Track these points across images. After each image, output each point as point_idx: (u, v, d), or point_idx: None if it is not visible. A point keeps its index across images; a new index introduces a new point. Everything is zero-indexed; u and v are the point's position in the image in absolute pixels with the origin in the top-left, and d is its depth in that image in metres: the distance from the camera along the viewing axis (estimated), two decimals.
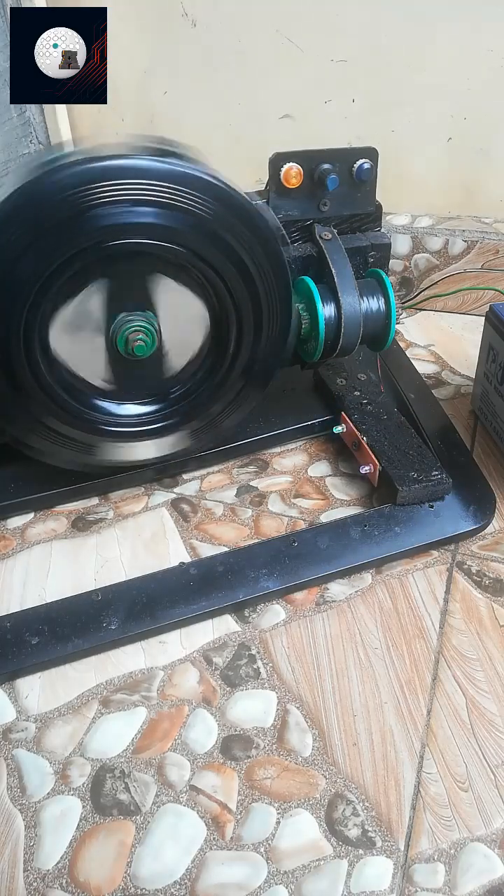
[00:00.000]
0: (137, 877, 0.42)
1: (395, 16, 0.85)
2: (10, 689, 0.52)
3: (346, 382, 0.73)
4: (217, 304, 0.56)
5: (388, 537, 0.60)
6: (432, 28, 0.85)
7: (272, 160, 0.62)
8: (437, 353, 0.87)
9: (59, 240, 0.49)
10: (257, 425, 0.70)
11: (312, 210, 0.64)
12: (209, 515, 0.65)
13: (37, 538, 0.64)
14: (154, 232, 0.51)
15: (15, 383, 0.54)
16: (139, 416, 0.60)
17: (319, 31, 0.88)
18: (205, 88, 0.96)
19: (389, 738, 0.48)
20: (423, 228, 0.94)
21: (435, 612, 0.56)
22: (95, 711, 0.50)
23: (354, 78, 0.90)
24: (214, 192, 0.51)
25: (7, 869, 0.42)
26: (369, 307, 0.63)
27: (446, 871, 0.42)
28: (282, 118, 0.95)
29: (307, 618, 0.56)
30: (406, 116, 0.91)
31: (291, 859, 0.42)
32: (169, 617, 0.55)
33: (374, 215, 0.67)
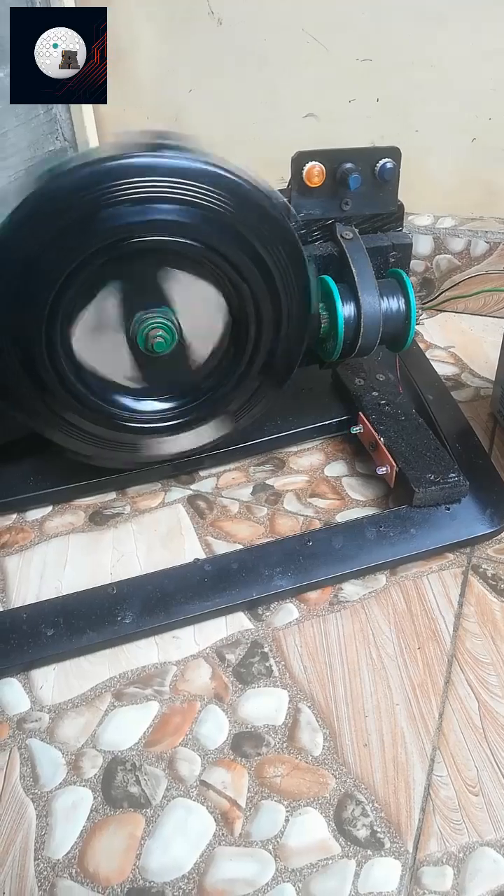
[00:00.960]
0: (146, 869, 0.42)
1: (420, 15, 0.85)
2: (24, 679, 0.52)
3: (365, 382, 0.72)
4: (236, 299, 0.56)
5: (403, 539, 0.59)
6: (457, 28, 0.84)
7: (294, 159, 0.62)
8: (457, 355, 0.87)
9: (78, 238, 0.50)
10: (274, 424, 0.70)
11: (334, 209, 0.64)
12: (225, 513, 0.66)
13: (55, 531, 0.64)
14: (173, 229, 0.51)
15: (37, 380, 0.54)
16: (158, 413, 0.60)
17: (345, 30, 0.88)
18: (229, 87, 0.97)
19: (400, 740, 0.48)
20: (446, 229, 0.94)
21: (449, 614, 0.55)
22: (108, 704, 0.51)
23: (379, 77, 0.90)
24: (232, 188, 0.51)
25: (18, 857, 0.43)
26: (389, 307, 0.62)
27: (455, 875, 0.41)
28: (305, 117, 0.95)
29: (320, 617, 0.56)
30: (430, 116, 0.91)
31: (299, 857, 0.43)
32: (183, 612, 0.55)
33: (396, 215, 0.67)
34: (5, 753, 0.48)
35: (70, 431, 0.59)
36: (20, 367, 0.54)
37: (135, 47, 0.98)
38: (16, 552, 0.62)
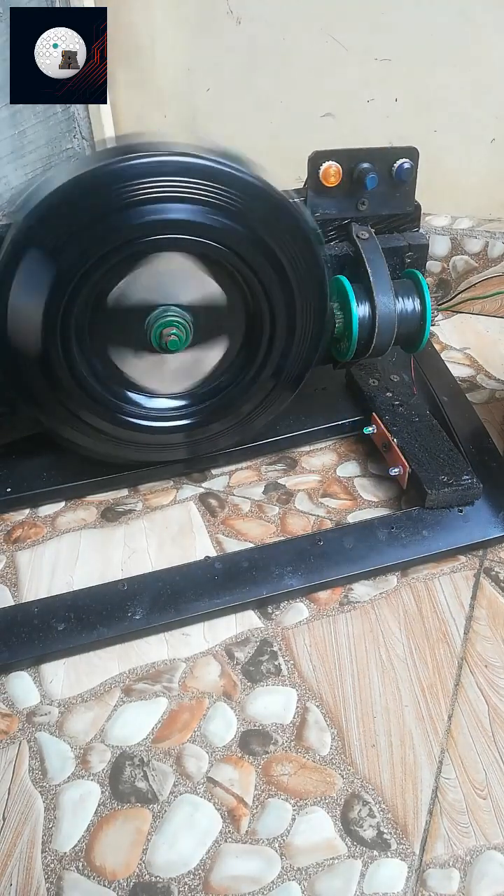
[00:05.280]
0: (152, 864, 0.42)
1: (440, 15, 0.84)
2: (35, 673, 0.53)
3: (379, 383, 0.72)
4: (252, 301, 0.56)
5: (415, 540, 0.59)
6: (478, 28, 0.84)
7: (311, 158, 0.61)
8: (472, 357, 0.86)
9: (99, 235, 0.50)
10: (287, 423, 0.70)
11: (350, 209, 0.64)
12: (236, 511, 0.66)
13: (67, 527, 0.65)
14: (191, 228, 0.51)
15: (51, 377, 0.55)
16: (170, 411, 0.60)
17: (364, 29, 0.88)
18: (247, 86, 0.97)
19: (409, 742, 0.48)
20: (463, 230, 0.93)
21: (460, 617, 0.55)
22: (117, 699, 0.51)
23: (398, 77, 0.90)
24: (253, 191, 0.51)
25: (26, 849, 0.43)
26: (404, 308, 0.62)
27: (461, 878, 0.41)
28: (323, 116, 0.95)
29: (330, 617, 0.56)
30: (449, 117, 0.90)
31: (305, 856, 0.42)
32: (193, 610, 0.55)
33: (413, 215, 0.66)
34: (15, 746, 0.48)
35: (82, 429, 0.59)
36: (35, 364, 0.54)
37: (153, 46, 0.98)
38: (28, 547, 0.63)
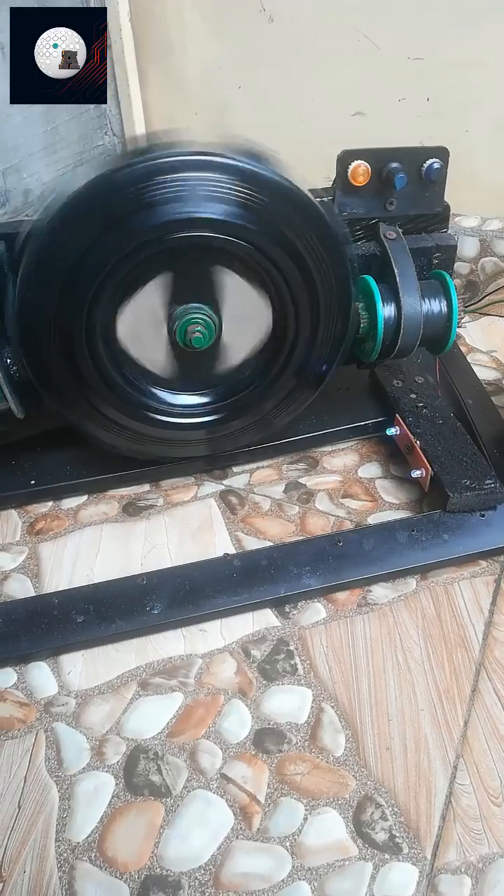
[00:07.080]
0: (164, 858, 0.43)
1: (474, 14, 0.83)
2: (53, 664, 0.53)
3: (403, 384, 0.72)
4: (278, 299, 0.56)
5: (435, 544, 0.59)
6: None
7: (340, 157, 0.61)
8: (499, 360, 0.85)
9: (125, 232, 0.50)
10: (309, 423, 0.70)
11: (378, 208, 0.64)
12: (256, 509, 0.66)
13: (88, 520, 0.65)
14: (218, 227, 0.51)
15: (76, 372, 0.55)
16: (193, 407, 0.61)
17: (397, 28, 0.87)
18: (278, 84, 0.96)
19: (423, 746, 0.47)
20: (493, 231, 0.92)
21: (479, 622, 0.55)
22: (134, 692, 0.51)
23: (430, 76, 0.89)
24: (280, 191, 0.51)
25: (40, 838, 0.44)
26: (430, 309, 0.62)
27: (473, 885, 0.41)
28: (353, 115, 0.94)
29: (348, 618, 0.56)
30: (481, 117, 0.89)
31: (316, 856, 0.42)
32: (211, 606, 0.55)
33: (442, 216, 0.66)
34: (32, 735, 0.49)
35: (106, 424, 0.60)
36: (60, 357, 0.55)
37: (184, 43, 0.98)
38: (50, 539, 0.64)
